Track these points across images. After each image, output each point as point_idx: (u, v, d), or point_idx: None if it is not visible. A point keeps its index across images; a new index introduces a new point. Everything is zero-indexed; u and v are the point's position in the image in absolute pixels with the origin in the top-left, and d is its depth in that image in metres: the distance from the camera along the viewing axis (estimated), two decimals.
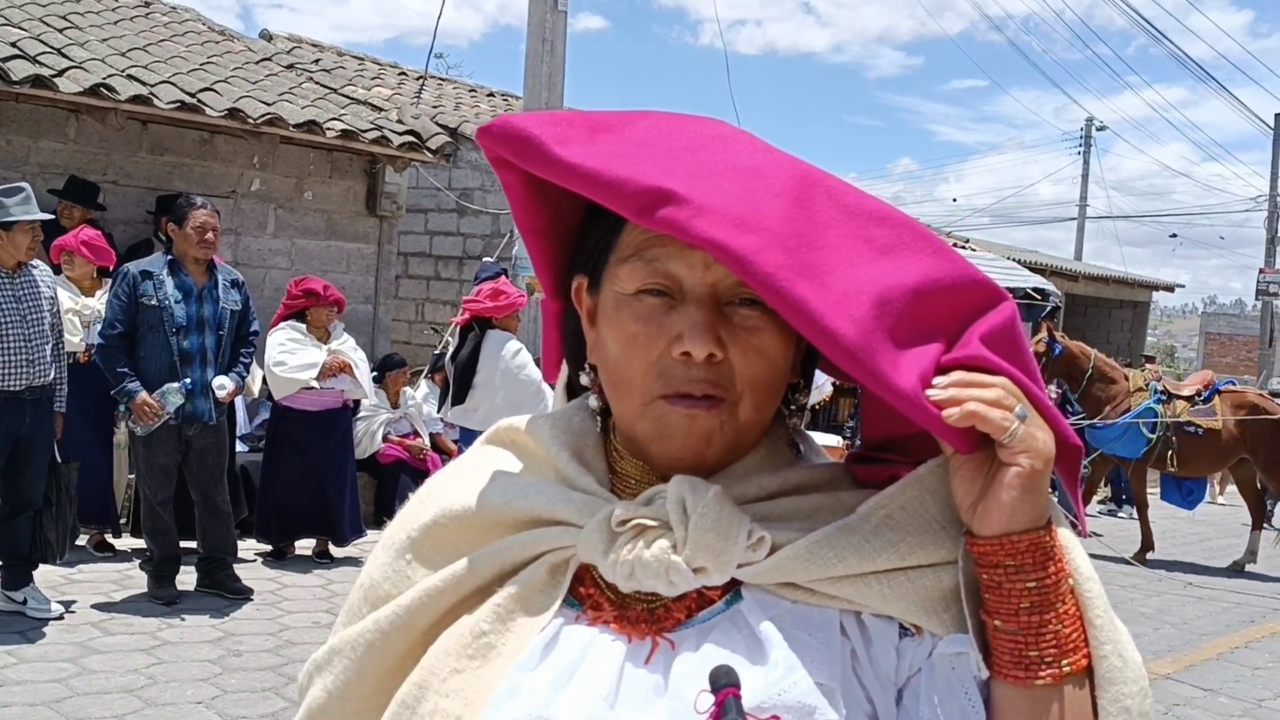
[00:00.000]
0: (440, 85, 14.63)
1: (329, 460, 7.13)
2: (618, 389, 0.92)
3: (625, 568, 0.87)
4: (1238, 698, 5.96)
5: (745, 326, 0.88)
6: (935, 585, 0.86)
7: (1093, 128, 31.24)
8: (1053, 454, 0.83)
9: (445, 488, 1.00)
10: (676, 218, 0.81)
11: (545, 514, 0.92)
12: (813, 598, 0.87)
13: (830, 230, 0.84)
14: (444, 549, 0.95)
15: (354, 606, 1.00)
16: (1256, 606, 8.29)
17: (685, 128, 0.90)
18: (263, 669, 5.10)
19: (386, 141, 9.32)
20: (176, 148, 8.81)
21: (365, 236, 10.04)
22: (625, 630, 0.88)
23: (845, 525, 0.87)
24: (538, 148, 0.87)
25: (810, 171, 0.88)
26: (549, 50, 9.19)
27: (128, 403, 5.78)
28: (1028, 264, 17.19)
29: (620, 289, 0.91)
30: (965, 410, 0.80)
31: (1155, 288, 23.29)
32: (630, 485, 0.95)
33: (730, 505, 0.87)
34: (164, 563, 6.04)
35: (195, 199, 6.09)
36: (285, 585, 6.63)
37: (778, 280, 0.80)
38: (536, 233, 0.99)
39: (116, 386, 5.78)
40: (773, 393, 0.92)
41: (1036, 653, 0.82)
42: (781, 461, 0.96)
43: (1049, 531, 0.83)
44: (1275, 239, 25.91)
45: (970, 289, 0.87)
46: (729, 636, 0.86)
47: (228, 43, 10.71)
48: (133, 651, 5.18)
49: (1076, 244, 30.44)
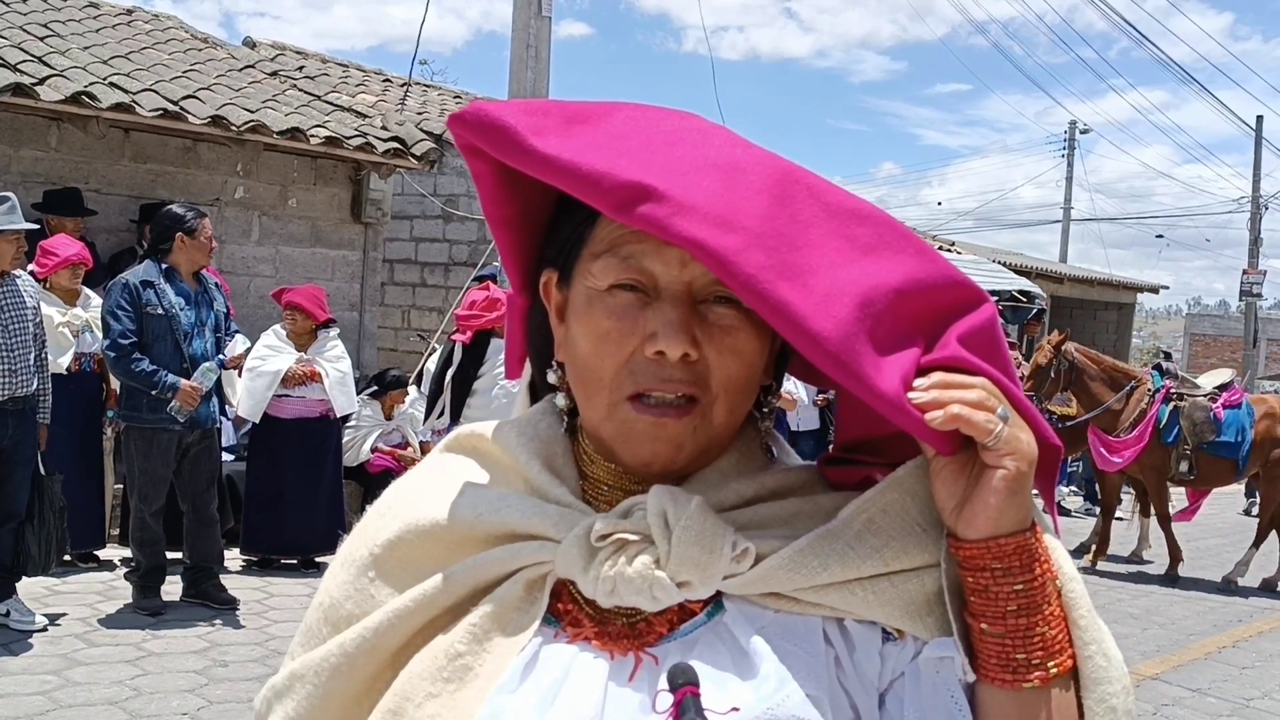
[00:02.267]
0: (425, 92, 14.60)
1: (305, 471, 7.09)
2: (586, 387, 0.90)
3: (607, 584, 0.84)
4: (1226, 698, 5.98)
5: (721, 325, 0.86)
6: (919, 589, 0.85)
7: (1076, 130, 31.39)
8: (1036, 455, 0.82)
9: (407, 500, 0.95)
10: (656, 215, 0.79)
11: (520, 528, 0.88)
12: (796, 606, 0.85)
13: (812, 229, 0.83)
14: (410, 566, 0.91)
15: (313, 627, 0.95)
16: (1243, 607, 8.32)
17: (663, 121, 0.88)
18: (249, 679, 5.06)
19: (371, 148, 9.29)
20: (159, 156, 8.77)
21: (350, 243, 10.01)
22: (606, 647, 0.86)
23: (827, 531, 0.86)
24: (512, 137, 0.85)
25: (791, 168, 0.86)
26: (533, 56, 9.18)
27: (172, 395, 5.73)
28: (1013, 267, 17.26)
29: (593, 284, 0.88)
30: (949, 413, 0.79)
31: (1140, 289, 23.40)
32: (603, 491, 0.93)
33: (713, 516, 0.85)
34: (150, 573, 6.00)
35: (190, 209, 6.08)
36: (272, 594, 6.59)
37: (759, 282, 0.79)
38: (506, 224, 0.96)
39: (153, 385, 5.71)
40: (747, 394, 0.90)
41: (1024, 655, 0.81)
42: (755, 465, 0.94)
43: (1034, 533, 0.82)
44: (1258, 240, 26.06)
45: (951, 289, 0.86)
46: (714, 650, 0.84)
47: (210, 50, 10.67)
48: (117, 663, 5.14)
49: (1061, 246, 30.55)
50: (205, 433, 6.05)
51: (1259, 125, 26.32)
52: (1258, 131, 26.26)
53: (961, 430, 0.79)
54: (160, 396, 5.75)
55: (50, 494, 5.57)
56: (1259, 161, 26.30)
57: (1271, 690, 6.20)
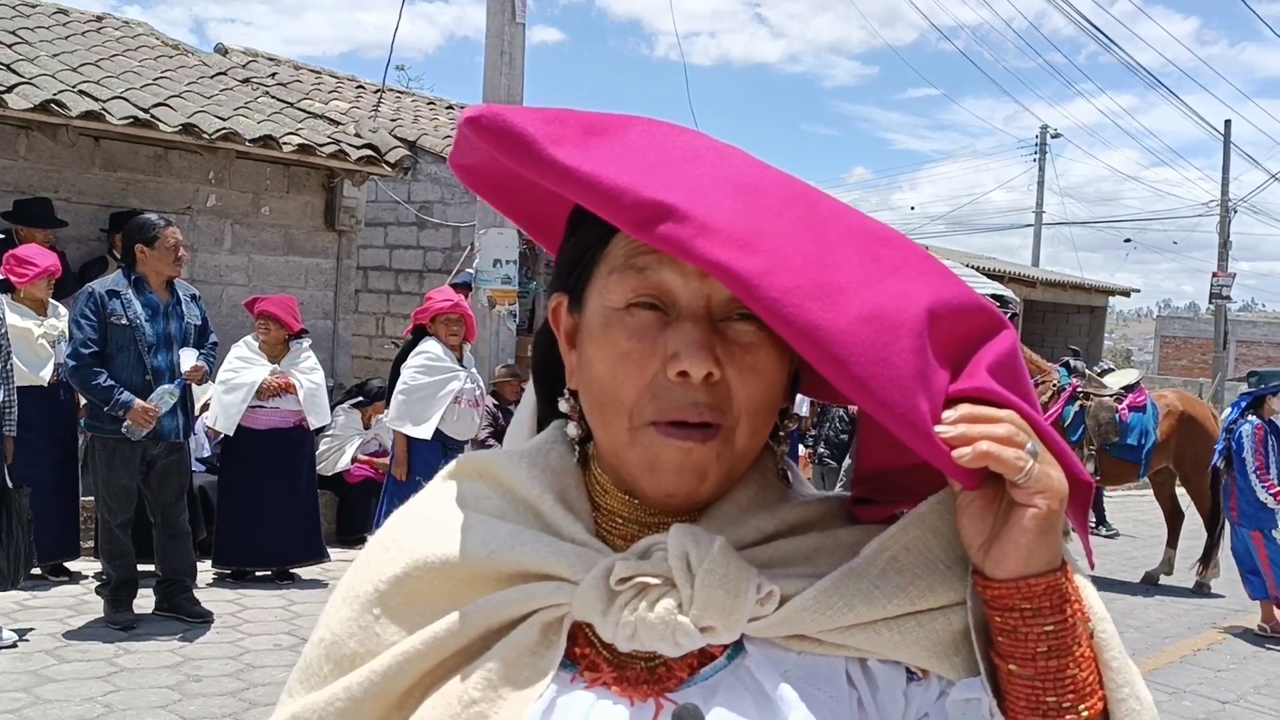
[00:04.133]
0: (399, 98, 14.53)
1: (279, 482, 7.01)
2: (604, 413, 0.86)
3: (627, 629, 0.81)
4: (1202, 699, 6.02)
5: (742, 343, 0.83)
6: (945, 628, 0.82)
7: (1048, 135, 31.64)
8: (1066, 493, 0.79)
9: (413, 533, 0.91)
10: (678, 236, 0.76)
11: (534, 567, 0.84)
12: (819, 647, 0.83)
13: (837, 249, 0.80)
14: (418, 604, 0.87)
15: (313, 664, 0.90)
16: (1217, 608, 8.38)
17: (677, 137, 0.85)
18: (223, 694, 5.00)
19: (344, 155, 9.23)
20: (130, 164, 8.68)
21: (324, 251, 9.94)
22: (626, 693, 0.83)
23: (851, 570, 0.83)
24: (530, 145, 0.81)
25: (808, 190, 0.83)
26: (508, 63, 9.16)
27: (124, 413, 5.65)
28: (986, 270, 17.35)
29: (610, 303, 0.85)
30: (978, 450, 0.75)
31: (1112, 293, 23.58)
32: (617, 524, 0.89)
33: (736, 558, 0.82)
34: (121, 587, 5.92)
35: (158, 217, 6.01)
36: (246, 607, 6.52)
37: (783, 305, 0.76)
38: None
39: (107, 401, 5.64)
40: (767, 417, 0.87)
41: (1055, 698, 0.79)
42: (773, 496, 0.91)
43: (1065, 573, 0.80)
44: (1227, 243, 26.35)
45: (975, 314, 0.83)
46: (737, 695, 0.81)
47: (182, 57, 10.58)
48: (89, 679, 5.06)
49: (1034, 250, 30.79)
50: (173, 445, 5.96)
51: (1227, 130, 26.64)
52: (1226, 136, 26.56)
53: (991, 468, 0.76)
54: (113, 414, 5.68)
55: (18, 507, 5.47)
56: (1227, 165, 26.63)
57: (1246, 693, 6.25)
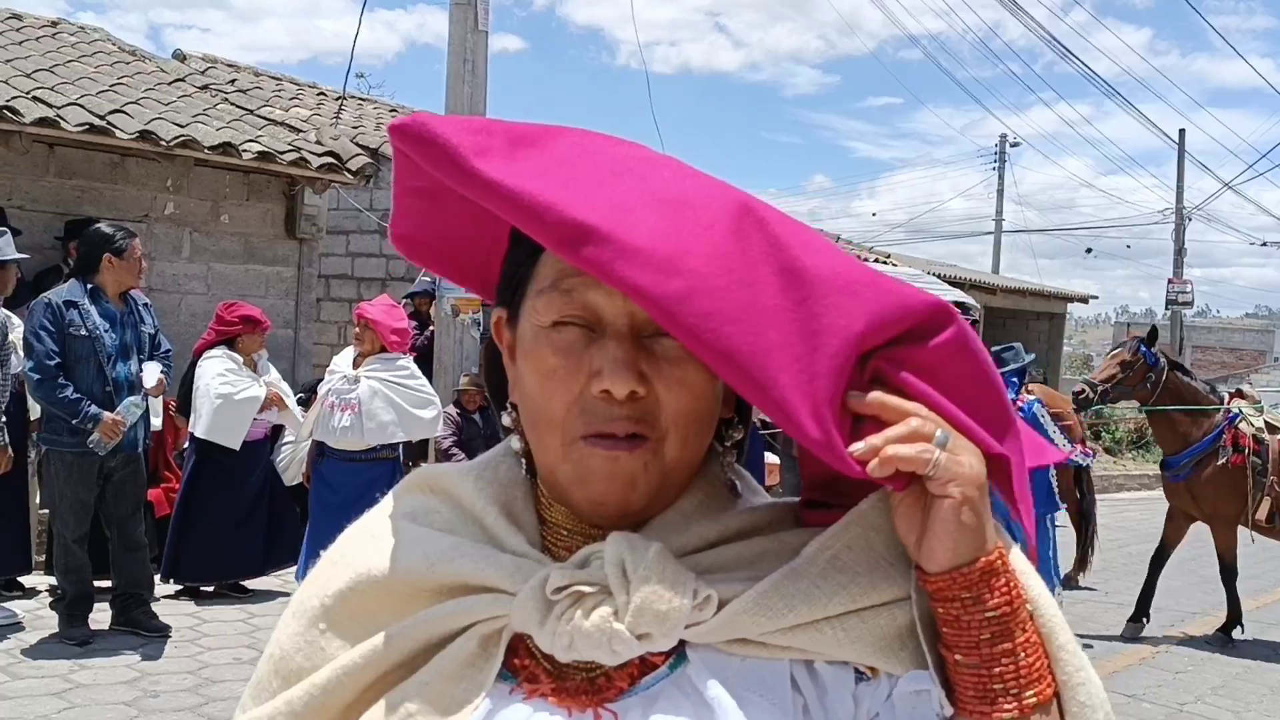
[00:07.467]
0: (360, 105, 14.45)
1: (244, 494, 6.94)
2: (538, 428, 0.86)
3: (564, 638, 0.80)
4: (1160, 703, 6.08)
5: (668, 358, 0.83)
6: (890, 624, 0.82)
7: (1007, 143, 31.97)
8: (983, 476, 0.79)
9: (359, 548, 0.92)
10: (599, 259, 0.76)
11: (473, 579, 0.85)
12: (763, 651, 0.82)
13: (762, 265, 0.79)
14: (361, 618, 0.88)
15: (263, 680, 0.91)
16: (1174, 611, 8.48)
17: (610, 148, 0.85)
18: (181, 710, 4.93)
19: (305, 163, 9.16)
20: (86, 171, 8.56)
21: (284, 260, 9.85)
22: (564, 703, 0.83)
23: (792, 571, 0.83)
24: (453, 156, 0.80)
25: (742, 199, 0.82)
26: (470, 71, 9.13)
27: (93, 426, 5.58)
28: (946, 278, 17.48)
29: (538, 321, 0.85)
30: (883, 458, 0.76)
31: (1070, 299, 23.86)
32: (562, 536, 0.89)
33: (673, 563, 0.82)
34: (76, 601, 5.82)
35: (120, 229, 5.93)
36: (205, 620, 6.44)
37: (702, 331, 0.76)
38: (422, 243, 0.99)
39: (75, 414, 5.56)
40: (701, 428, 0.87)
41: (1000, 685, 0.79)
42: (719, 505, 0.90)
43: (999, 556, 0.80)
44: (1182, 250, 26.73)
45: (907, 319, 0.82)
46: (676, 704, 0.81)
47: (139, 63, 10.46)
48: (43, 696, 4.98)
49: (993, 257, 31.08)
50: (129, 457, 5.90)
51: (1181, 139, 27.00)
52: (1180, 145, 26.93)
53: (901, 469, 0.77)
54: (81, 427, 5.60)
55: None
56: (1182, 174, 26.97)
57: (1204, 694, 6.32)
